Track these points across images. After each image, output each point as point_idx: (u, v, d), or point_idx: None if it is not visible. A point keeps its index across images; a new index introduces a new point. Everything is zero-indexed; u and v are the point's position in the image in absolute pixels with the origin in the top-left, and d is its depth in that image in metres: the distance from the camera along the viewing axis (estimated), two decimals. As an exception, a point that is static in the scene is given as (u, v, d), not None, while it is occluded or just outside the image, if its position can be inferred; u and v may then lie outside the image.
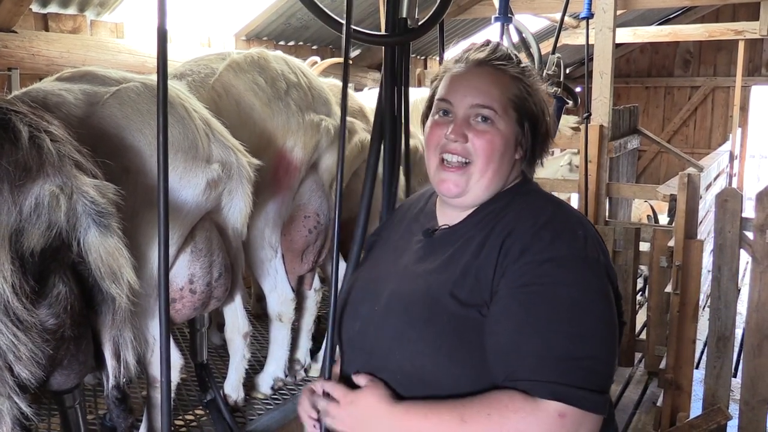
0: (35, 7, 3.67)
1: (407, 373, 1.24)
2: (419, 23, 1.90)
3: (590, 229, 1.26)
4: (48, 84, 1.72)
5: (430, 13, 1.92)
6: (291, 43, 5.52)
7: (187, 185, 1.60)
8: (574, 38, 7.58)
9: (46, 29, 3.76)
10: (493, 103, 1.29)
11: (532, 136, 1.33)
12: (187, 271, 1.70)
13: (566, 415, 1.10)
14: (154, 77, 1.85)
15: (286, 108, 2.02)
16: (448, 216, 1.38)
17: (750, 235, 3.83)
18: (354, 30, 1.80)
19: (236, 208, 1.74)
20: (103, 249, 1.28)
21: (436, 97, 1.36)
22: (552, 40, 7.65)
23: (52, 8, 3.76)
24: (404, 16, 1.87)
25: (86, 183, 1.27)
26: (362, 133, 2.27)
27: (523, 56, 1.47)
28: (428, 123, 1.37)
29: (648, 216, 6.59)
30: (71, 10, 3.85)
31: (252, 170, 1.72)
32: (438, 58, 7.66)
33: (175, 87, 1.70)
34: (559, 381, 1.11)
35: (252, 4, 4.71)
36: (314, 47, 5.72)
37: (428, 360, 1.22)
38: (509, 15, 2.64)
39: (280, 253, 2.12)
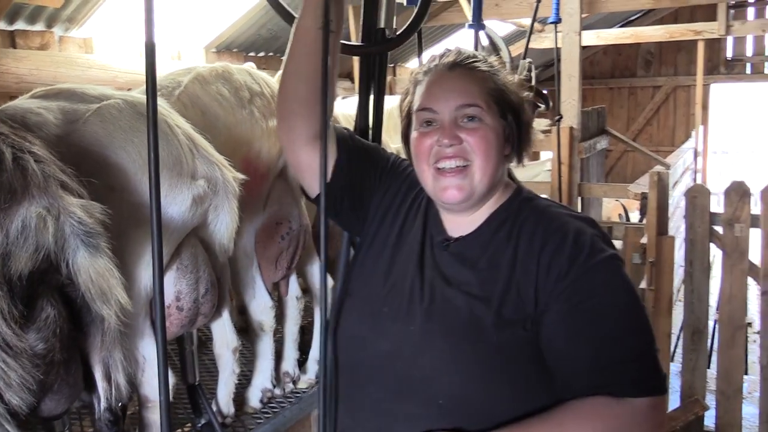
0: (2, 25, 3.60)
1: (454, 400, 1.21)
2: (397, 33, 1.93)
3: (597, 225, 1.30)
4: (24, 102, 1.68)
5: (407, 23, 1.94)
6: (261, 54, 5.51)
7: (173, 202, 1.59)
8: (539, 42, 7.71)
9: (14, 47, 3.69)
10: (477, 100, 1.27)
11: (518, 127, 1.32)
12: (173, 288, 1.68)
13: (656, 405, 1.18)
14: (133, 94, 1.84)
15: (249, 116, 2.05)
16: (455, 224, 1.34)
17: (719, 229, 3.95)
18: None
19: (222, 224, 1.74)
20: (93, 270, 1.26)
21: (415, 108, 1.32)
22: (518, 44, 7.76)
23: (19, 25, 3.69)
24: (382, 26, 1.89)
25: (73, 203, 1.25)
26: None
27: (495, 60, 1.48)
28: (413, 137, 1.33)
29: (619, 214, 6.74)
30: (39, 27, 3.79)
31: (237, 185, 1.72)
32: (405, 65, 7.70)
33: (158, 103, 1.69)
34: (643, 378, 1.18)
35: (221, 16, 4.69)
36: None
37: (478, 384, 1.21)
38: (482, 23, 2.69)
39: (255, 261, 2.13)
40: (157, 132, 1.12)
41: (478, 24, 2.55)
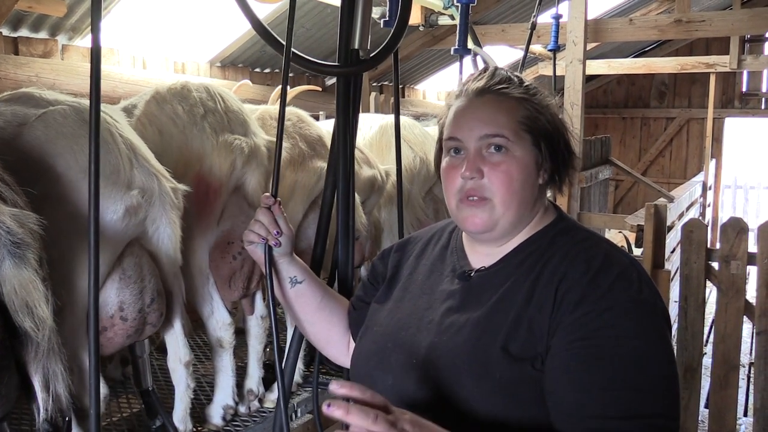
0: (5, 31, 3.67)
1: None
2: (371, 55, 1.92)
3: (640, 268, 1.18)
4: (-17, 108, 1.70)
5: (383, 44, 1.94)
6: (267, 70, 5.56)
7: (106, 212, 1.57)
8: (550, 69, 7.70)
9: (16, 53, 3.75)
10: (503, 129, 1.22)
11: (551, 155, 1.26)
12: (116, 299, 1.67)
13: None
14: (85, 101, 1.84)
15: (200, 132, 2.05)
16: (481, 255, 1.30)
17: (716, 265, 3.86)
18: (307, 60, 1.82)
19: (164, 235, 1.72)
20: (17, 281, 1.24)
21: (444, 137, 1.31)
22: (529, 70, 7.72)
23: (23, 32, 3.76)
24: (356, 47, 1.89)
25: (3, 212, 1.24)
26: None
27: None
28: (442, 166, 1.31)
29: (622, 246, 6.63)
30: (42, 35, 3.85)
31: (177, 196, 1.70)
32: (415, 87, 7.72)
33: (105, 111, 1.68)
34: None
35: (227, 31, 4.74)
36: (290, 75, 5.75)
37: (479, 420, 1.13)
38: (468, 48, 2.68)
39: (211, 278, 2.12)
40: (99, 139, 1.11)
41: (463, 49, 2.54)
